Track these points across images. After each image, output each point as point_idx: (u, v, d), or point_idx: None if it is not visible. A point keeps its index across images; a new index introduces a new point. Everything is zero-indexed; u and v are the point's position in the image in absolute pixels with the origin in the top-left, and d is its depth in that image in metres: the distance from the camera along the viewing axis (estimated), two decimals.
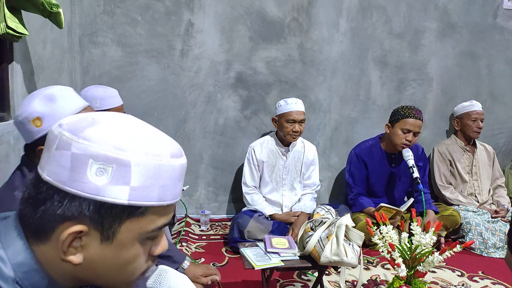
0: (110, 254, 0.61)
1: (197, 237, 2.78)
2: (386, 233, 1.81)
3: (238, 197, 3.14)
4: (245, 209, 2.79)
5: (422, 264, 1.74)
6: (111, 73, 2.90)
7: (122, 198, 0.58)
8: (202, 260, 2.42)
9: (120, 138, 0.59)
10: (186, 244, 2.61)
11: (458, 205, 3.02)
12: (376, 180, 2.96)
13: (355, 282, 2.20)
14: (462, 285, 2.28)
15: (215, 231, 2.90)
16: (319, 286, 2.00)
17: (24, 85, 1.85)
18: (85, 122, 0.61)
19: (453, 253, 1.72)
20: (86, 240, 0.60)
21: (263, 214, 2.68)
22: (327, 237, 1.80)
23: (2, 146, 1.65)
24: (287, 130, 2.68)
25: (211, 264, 2.38)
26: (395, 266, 1.73)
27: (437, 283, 2.28)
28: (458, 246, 1.71)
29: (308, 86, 3.22)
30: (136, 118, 0.67)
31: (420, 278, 1.76)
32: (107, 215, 0.59)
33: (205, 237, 2.80)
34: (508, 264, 0.85)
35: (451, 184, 3.20)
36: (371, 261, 2.52)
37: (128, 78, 2.93)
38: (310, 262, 1.87)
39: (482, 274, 2.42)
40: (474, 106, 3.22)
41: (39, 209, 0.59)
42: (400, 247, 1.76)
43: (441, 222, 2.01)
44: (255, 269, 1.81)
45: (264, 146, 2.81)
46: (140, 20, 2.89)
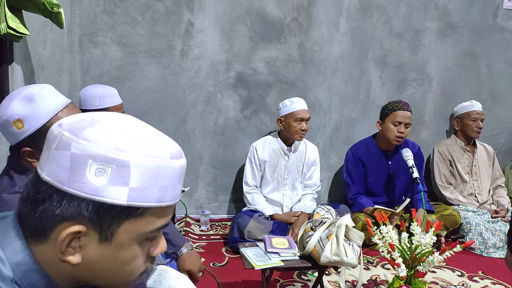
0: (108, 255, 0.61)
1: (197, 237, 2.78)
2: (386, 233, 1.81)
3: (238, 197, 3.14)
4: (245, 209, 2.79)
5: (422, 264, 1.74)
6: (111, 73, 2.90)
7: (121, 198, 0.58)
8: (202, 260, 2.42)
9: (119, 139, 0.59)
10: None
11: (458, 205, 3.02)
12: (374, 178, 2.96)
13: (355, 282, 2.19)
14: (462, 285, 2.28)
15: (215, 231, 2.90)
16: (319, 286, 2.00)
17: (24, 85, 1.85)
18: (85, 122, 0.61)
19: (453, 253, 1.72)
20: (84, 240, 0.60)
21: (263, 214, 2.68)
22: (327, 237, 1.80)
23: (2, 146, 1.65)
24: (296, 129, 2.68)
25: (211, 264, 2.39)
26: (395, 266, 1.73)
27: (437, 283, 2.28)
28: (458, 246, 1.71)
29: (308, 86, 3.22)
30: (136, 118, 0.66)
31: (420, 278, 1.77)
32: (106, 216, 0.59)
33: (205, 237, 2.80)
34: (508, 264, 0.85)
35: (451, 184, 3.20)
36: (371, 261, 2.52)
37: (128, 78, 2.93)
38: (310, 262, 1.87)
39: (482, 274, 2.42)
40: (474, 106, 3.22)
41: (38, 208, 0.59)
42: (400, 247, 1.76)
43: (441, 222, 2.00)
44: (255, 269, 1.81)
45: (266, 145, 2.81)
46: (140, 20, 2.89)
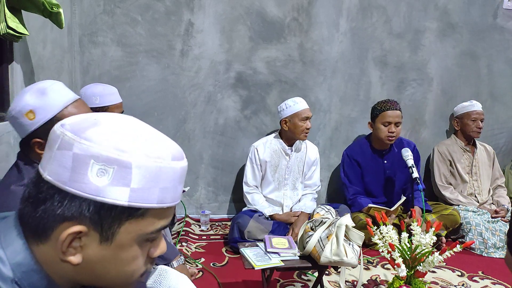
0: (108, 255, 0.62)
1: (197, 237, 2.78)
2: (386, 233, 1.81)
3: (238, 197, 3.14)
4: (245, 209, 2.79)
5: (422, 264, 1.74)
6: (111, 73, 2.90)
7: (122, 199, 0.58)
8: (202, 260, 2.42)
9: (122, 140, 0.59)
10: (186, 244, 2.61)
11: (458, 205, 3.02)
12: (371, 178, 2.97)
13: (355, 282, 2.19)
14: (462, 285, 2.28)
15: (215, 231, 2.90)
16: (319, 286, 2.00)
17: (24, 85, 1.85)
18: (87, 122, 0.61)
19: (453, 253, 1.72)
20: (85, 240, 0.60)
21: (263, 214, 2.68)
22: (327, 237, 1.80)
23: (2, 146, 1.65)
24: (302, 128, 2.69)
25: (211, 264, 2.39)
26: (395, 266, 1.73)
27: (437, 283, 2.28)
28: (458, 246, 1.71)
29: (308, 86, 3.22)
30: (138, 119, 0.67)
31: (420, 278, 1.77)
32: (107, 216, 0.59)
33: (205, 237, 2.80)
34: (507, 264, 0.85)
35: (451, 184, 3.19)
36: (371, 261, 2.52)
37: (128, 78, 2.93)
38: (310, 262, 1.87)
39: (482, 274, 2.42)
40: (474, 106, 3.22)
41: (39, 208, 0.59)
42: (400, 247, 1.76)
43: (441, 222, 2.01)
44: (255, 269, 1.81)
45: (267, 146, 2.81)
46: (140, 20, 2.89)
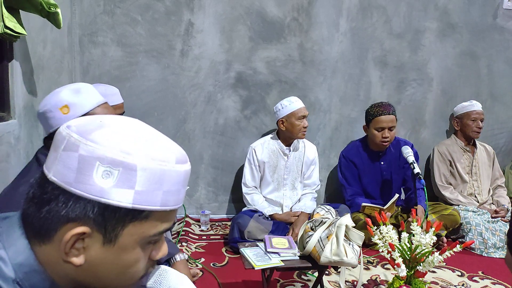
0: (111, 257, 0.62)
1: (197, 237, 2.78)
2: (386, 233, 1.81)
3: (238, 197, 3.14)
4: (245, 209, 2.79)
5: (422, 264, 1.74)
6: (111, 73, 2.90)
7: (126, 201, 0.59)
8: (202, 260, 2.42)
9: (127, 142, 0.60)
10: (186, 244, 2.61)
11: (458, 205, 3.03)
12: (368, 180, 2.97)
13: (355, 282, 2.20)
14: (462, 285, 2.28)
15: (215, 231, 2.90)
16: (319, 286, 2.00)
17: (24, 85, 1.85)
18: (93, 124, 0.62)
19: (453, 253, 1.72)
20: (88, 242, 0.60)
21: (263, 214, 2.68)
22: (327, 237, 1.80)
23: (2, 146, 1.65)
24: (299, 127, 2.70)
25: (211, 264, 2.39)
26: (395, 266, 1.73)
27: (437, 283, 2.28)
28: (458, 246, 1.71)
29: (308, 86, 3.22)
30: (142, 122, 0.68)
31: (420, 278, 1.77)
32: (111, 218, 0.59)
33: (205, 237, 2.80)
34: (507, 264, 0.85)
35: (451, 184, 3.20)
36: (371, 261, 2.52)
37: (128, 78, 2.93)
38: (310, 262, 1.87)
39: (482, 274, 2.42)
40: (474, 106, 3.22)
41: (43, 209, 0.59)
42: (400, 247, 1.76)
43: (441, 222, 2.00)
44: (255, 269, 1.81)
45: (265, 146, 2.81)
46: (140, 20, 2.89)
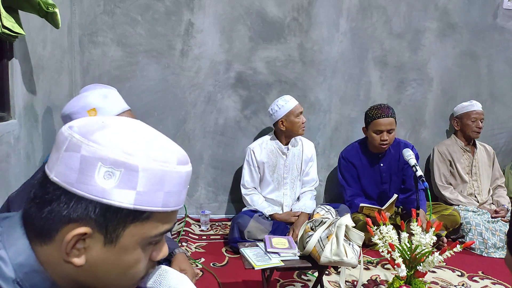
0: (112, 258, 0.62)
1: (197, 237, 2.78)
2: (386, 233, 1.81)
3: (238, 197, 3.14)
4: (245, 209, 2.79)
5: (422, 264, 1.74)
6: (111, 73, 2.90)
7: (128, 202, 0.59)
8: (202, 260, 2.42)
9: (129, 143, 0.60)
10: (186, 244, 2.61)
11: (458, 205, 3.03)
12: (368, 181, 2.97)
13: (355, 282, 2.20)
14: (462, 285, 2.28)
15: (215, 231, 2.91)
16: (319, 286, 2.00)
17: (24, 85, 1.85)
18: (95, 125, 0.62)
19: (453, 253, 1.72)
20: (89, 242, 0.60)
21: (263, 214, 2.68)
22: (327, 237, 1.80)
23: (2, 146, 1.65)
24: (299, 124, 2.73)
25: (211, 264, 2.39)
26: (395, 266, 1.73)
27: (437, 283, 2.28)
28: (458, 246, 1.71)
29: (308, 86, 3.22)
30: (144, 123, 0.68)
31: (420, 278, 1.77)
32: (112, 219, 0.59)
33: (205, 237, 2.80)
34: (507, 264, 0.85)
35: (451, 184, 3.20)
36: (371, 261, 2.52)
37: (128, 78, 2.93)
38: (310, 262, 1.87)
39: (482, 274, 2.42)
40: (474, 106, 3.23)
41: (45, 209, 0.59)
42: (400, 247, 1.76)
43: (441, 222, 2.00)
44: (255, 269, 1.81)
45: (263, 147, 2.81)
46: (140, 20, 2.89)
